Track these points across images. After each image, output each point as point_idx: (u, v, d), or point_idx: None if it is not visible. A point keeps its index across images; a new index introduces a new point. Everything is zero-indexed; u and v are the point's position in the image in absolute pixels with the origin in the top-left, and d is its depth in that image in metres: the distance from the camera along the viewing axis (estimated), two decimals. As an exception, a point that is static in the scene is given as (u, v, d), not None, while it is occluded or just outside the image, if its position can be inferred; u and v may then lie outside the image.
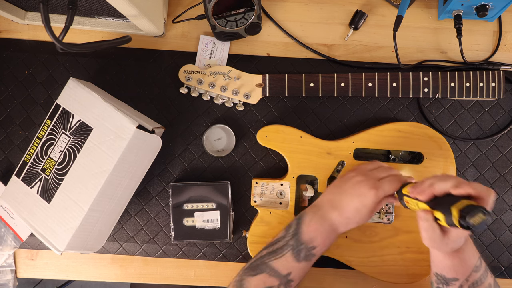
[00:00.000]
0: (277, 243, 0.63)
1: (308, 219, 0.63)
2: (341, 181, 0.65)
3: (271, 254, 0.62)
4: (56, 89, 0.78)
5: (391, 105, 0.78)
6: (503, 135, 0.77)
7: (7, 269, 0.77)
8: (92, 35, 0.79)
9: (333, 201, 0.64)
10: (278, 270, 0.61)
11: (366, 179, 0.62)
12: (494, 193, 0.52)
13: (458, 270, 0.59)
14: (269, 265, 0.61)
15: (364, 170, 0.65)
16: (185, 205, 0.73)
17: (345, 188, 0.63)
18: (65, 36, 0.56)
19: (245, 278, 0.61)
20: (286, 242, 0.62)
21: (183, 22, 0.78)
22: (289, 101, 0.78)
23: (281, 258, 0.61)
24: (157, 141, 0.71)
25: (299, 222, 0.64)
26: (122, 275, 0.78)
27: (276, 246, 0.63)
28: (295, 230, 0.63)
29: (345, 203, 0.62)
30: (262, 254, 0.63)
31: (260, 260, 0.62)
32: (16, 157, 0.78)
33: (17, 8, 0.72)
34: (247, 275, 0.62)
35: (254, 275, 0.61)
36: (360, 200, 0.61)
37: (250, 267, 0.63)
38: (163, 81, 0.78)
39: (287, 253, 0.61)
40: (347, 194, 0.63)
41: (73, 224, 0.64)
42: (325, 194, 0.66)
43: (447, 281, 0.60)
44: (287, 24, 0.79)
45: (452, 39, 0.78)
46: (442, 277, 0.61)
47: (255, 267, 0.62)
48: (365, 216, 0.62)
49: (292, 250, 0.61)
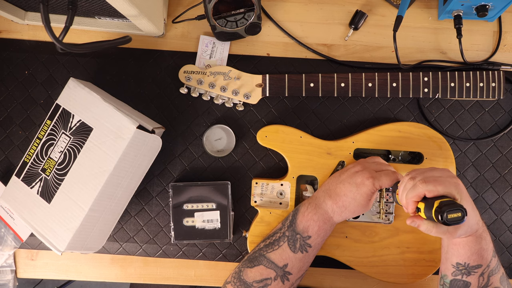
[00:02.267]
0: (274, 235, 0.64)
1: (303, 209, 0.64)
2: (340, 172, 0.67)
3: (268, 246, 0.63)
4: (56, 89, 0.78)
5: (391, 105, 0.78)
6: (503, 135, 0.77)
7: (7, 269, 0.77)
8: (92, 35, 0.79)
9: (329, 190, 0.65)
10: (275, 262, 0.61)
11: (364, 170, 0.63)
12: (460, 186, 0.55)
13: (483, 255, 0.59)
14: (266, 257, 0.62)
15: (363, 162, 0.66)
16: (185, 205, 0.73)
17: (343, 177, 0.64)
18: (65, 36, 0.56)
19: (243, 270, 0.62)
20: (282, 233, 0.63)
21: (183, 22, 0.78)
22: (289, 101, 0.78)
23: (277, 249, 0.62)
24: (157, 141, 0.72)
25: (295, 212, 0.65)
26: (122, 275, 0.78)
27: (273, 238, 0.64)
28: (290, 221, 0.64)
29: (341, 191, 0.63)
30: (260, 246, 0.64)
31: (258, 252, 0.63)
32: (16, 157, 0.78)
33: (17, 8, 0.72)
34: (245, 266, 0.63)
35: (251, 267, 0.62)
36: (357, 189, 0.62)
37: (248, 259, 0.64)
38: (163, 81, 0.78)
39: (283, 244, 0.62)
40: (344, 183, 0.63)
41: (74, 224, 0.64)
42: (323, 184, 0.67)
43: (470, 270, 0.60)
44: (287, 24, 0.79)
45: (452, 39, 0.78)
46: (465, 265, 0.60)
47: (253, 259, 0.63)
48: (361, 205, 0.62)
49: (288, 241, 0.62)
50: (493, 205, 0.77)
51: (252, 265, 0.62)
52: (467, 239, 0.59)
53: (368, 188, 0.61)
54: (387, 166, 0.66)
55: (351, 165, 0.67)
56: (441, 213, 0.51)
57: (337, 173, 0.67)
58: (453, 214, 0.51)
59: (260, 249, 0.64)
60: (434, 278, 0.75)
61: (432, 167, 0.58)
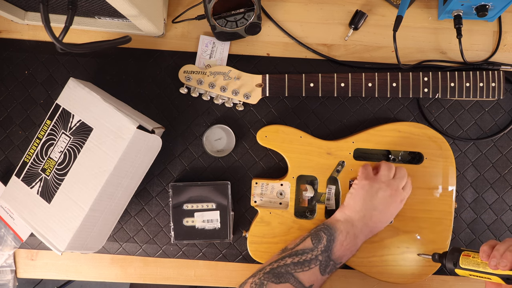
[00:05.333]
0: (303, 254, 0.62)
1: (342, 238, 0.63)
2: (369, 193, 0.65)
3: (297, 265, 0.62)
4: (56, 89, 0.78)
5: (391, 105, 0.78)
6: (503, 135, 0.77)
7: (7, 269, 0.77)
8: (92, 35, 0.79)
9: (365, 218, 0.65)
10: (303, 282, 0.61)
11: (394, 193, 0.65)
12: None
13: None
14: (295, 276, 0.61)
15: (386, 179, 0.66)
16: (185, 205, 0.73)
17: (376, 204, 0.65)
18: (65, 36, 0.56)
19: (267, 284, 0.60)
20: (315, 256, 0.62)
21: (183, 22, 0.78)
22: (289, 101, 0.78)
23: (308, 271, 0.61)
24: (157, 141, 0.72)
25: (331, 238, 0.63)
26: (122, 275, 0.78)
27: (303, 257, 0.62)
28: (326, 247, 0.63)
29: (378, 219, 0.65)
30: (286, 262, 0.62)
31: (285, 268, 0.61)
32: (16, 157, 0.78)
33: (17, 8, 0.72)
34: (269, 281, 0.60)
35: (277, 282, 0.60)
36: (391, 216, 0.67)
37: (272, 272, 0.61)
38: (163, 81, 0.78)
39: (315, 268, 0.61)
40: (379, 211, 0.65)
41: (74, 224, 0.64)
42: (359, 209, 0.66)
43: None
44: (287, 24, 0.79)
45: (452, 39, 0.78)
46: None
47: (279, 275, 0.61)
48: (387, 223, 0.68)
49: (320, 265, 0.62)
50: (493, 205, 0.77)
51: (278, 281, 0.60)
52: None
53: (399, 209, 0.67)
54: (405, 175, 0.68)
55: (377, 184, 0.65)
56: None
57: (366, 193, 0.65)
58: None
59: (287, 265, 0.62)
60: (434, 278, 0.76)
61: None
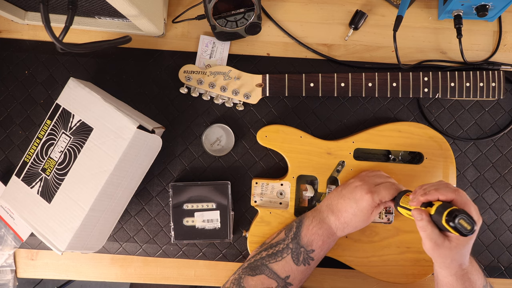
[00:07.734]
0: (277, 245, 0.64)
1: (308, 222, 0.64)
2: (342, 186, 0.67)
3: (271, 256, 0.63)
4: (56, 89, 0.78)
5: (391, 105, 0.78)
6: (503, 135, 0.77)
7: (7, 269, 0.77)
8: (92, 35, 0.79)
9: (332, 205, 0.65)
10: (277, 273, 0.61)
11: (363, 184, 0.63)
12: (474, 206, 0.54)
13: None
14: (269, 267, 0.62)
15: (363, 176, 0.66)
16: (185, 205, 0.73)
17: (344, 193, 0.65)
18: (65, 36, 0.56)
19: (244, 277, 0.62)
20: (286, 245, 0.63)
21: (183, 22, 0.78)
22: (289, 101, 0.78)
23: (281, 261, 0.62)
24: (157, 141, 0.72)
25: (299, 225, 0.65)
26: (122, 275, 0.78)
27: (276, 248, 0.64)
28: (295, 234, 0.64)
29: (342, 207, 0.64)
30: (262, 255, 0.64)
31: (260, 261, 0.63)
32: (16, 157, 0.78)
33: (17, 8, 0.72)
34: (246, 274, 0.62)
35: (253, 275, 0.62)
36: (356, 204, 0.62)
37: (249, 266, 0.63)
38: (163, 81, 0.78)
39: (287, 257, 0.62)
40: (345, 198, 0.64)
41: (74, 224, 0.64)
42: (326, 198, 0.67)
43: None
44: (287, 24, 0.79)
45: (452, 39, 0.78)
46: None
47: (254, 268, 0.63)
48: (362, 221, 0.63)
49: (292, 253, 0.62)
50: (493, 205, 0.77)
51: (254, 274, 0.62)
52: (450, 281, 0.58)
53: (367, 203, 0.61)
54: (387, 179, 0.65)
55: (352, 179, 0.67)
56: (455, 216, 0.50)
57: (339, 187, 0.67)
58: (465, 223, 0.50)
59: (262, 258, 0.63)
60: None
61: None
